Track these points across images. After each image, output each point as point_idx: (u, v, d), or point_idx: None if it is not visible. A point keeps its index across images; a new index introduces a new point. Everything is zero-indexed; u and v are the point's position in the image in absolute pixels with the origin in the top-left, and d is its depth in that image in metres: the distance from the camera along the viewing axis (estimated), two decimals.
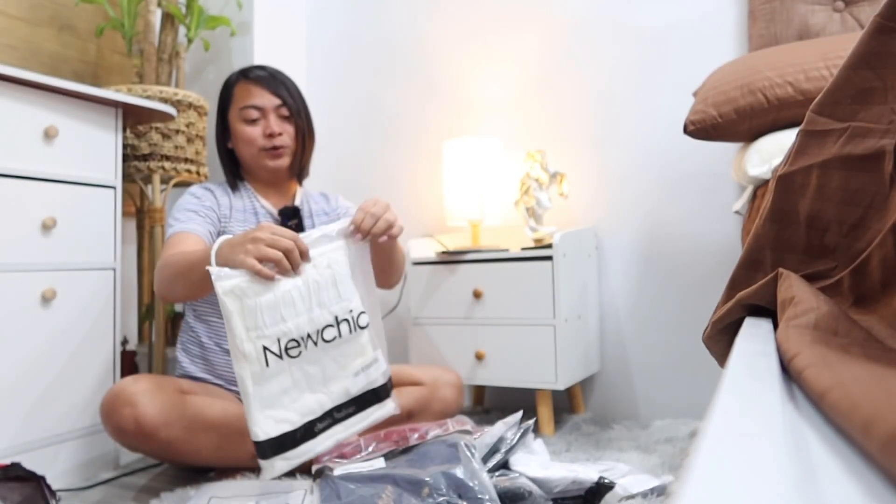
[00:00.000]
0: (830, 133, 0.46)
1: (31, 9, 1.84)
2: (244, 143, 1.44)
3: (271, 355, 1.00)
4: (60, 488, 1.26)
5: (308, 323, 1.03)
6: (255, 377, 0.99)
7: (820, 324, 0.37)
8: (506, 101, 2.03)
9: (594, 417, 1.75)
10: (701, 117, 1.31)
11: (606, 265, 1.86)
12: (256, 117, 1.43)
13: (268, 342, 1.00)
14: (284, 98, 1.45)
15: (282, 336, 1.01)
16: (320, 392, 1.05)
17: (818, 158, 0.46)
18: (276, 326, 1.01)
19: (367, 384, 1.10)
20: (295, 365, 1.02)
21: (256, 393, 0.99)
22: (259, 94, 1.44)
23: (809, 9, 1.55)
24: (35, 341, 1.29)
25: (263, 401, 1.00)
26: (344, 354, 1.08)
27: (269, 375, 1.00)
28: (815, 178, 0.46)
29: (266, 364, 0.99)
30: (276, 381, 1.01)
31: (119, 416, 1.16)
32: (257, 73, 1.46)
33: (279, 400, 1.01)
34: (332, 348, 1.06)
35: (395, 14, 2.22)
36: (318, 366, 1.05)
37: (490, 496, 0.97)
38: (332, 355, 1.07)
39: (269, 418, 1.00)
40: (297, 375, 1.03)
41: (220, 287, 0.99)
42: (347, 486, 1.01)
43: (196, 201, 1.40)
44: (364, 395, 1.10)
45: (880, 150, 0.42)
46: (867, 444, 0.23)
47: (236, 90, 1.46)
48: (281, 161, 1.46)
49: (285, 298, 1.02)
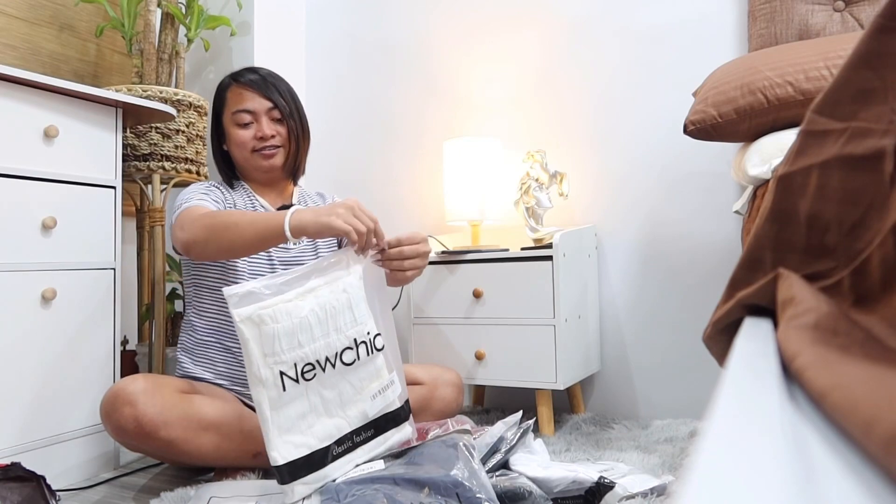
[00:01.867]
0: (830, 133, 0.46)
1: (30, 8, 1.84)
2: (237, 146, 1.46)
3: (288, 380, 1.00)
4: (60, 488, 1.26)
5: (325, 348, 1.04)
6: (272, 402, 0.99)
7: (820, 324, 0.37)
8: (506, 101, 2.03)
9: (594, 417, 1.75)
10: (701, 117, 1.31)
11: (606, 265, 1.86)
12: (249, 121, 1.44)
13: (284, 367, 1.00)
14: (276, 101, 1.46)
15: (298, 361, 1.01)
16: (338, 416, 1.06)
17: (818, 158, 0.46)
18: (293, 352, 1.01)
19: (384, 407, 1.11)
20: (311, 389, 1.03)
21: (274, 418, 1.00)
22: (250, 98, 1.45)
23: (809, 9, 1.55)
24: (35, 341, 1.29)
25: (281, 426, 1.00)
26: (360, 378, 1.08)
27: (286, 400, 1.00)
28: (815, 178, 0.46)
29: (283, 388, 1.00)
30: (293, 405, 1.01)
31: (119, 415, 1.16)
32: (249, 77, 1.46)
33: (297, 424, 1.02)
34: (349, 372, 1.06)
35: (395, 14, 2.22)
36: (334, 390, 1.05)
37: (489, 497, 0.97)
38: (349, 379, 1.07)
39: (288, 443, 1.00)
40: (314, 399, 1.03)
41: (238, 314, 0.99)
42: (347, 487, 1.00)
43: (206, 188, 1.42)
44: (381, 418, 1.11)
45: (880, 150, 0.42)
46: (868, 444, 0.23)
47: (229, 94, 1.47)
48: (273, 161, 1.46)
49: (302, 324, 1.02)
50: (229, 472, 1.26)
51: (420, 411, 1.43)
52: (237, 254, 1.23)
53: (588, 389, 1.88)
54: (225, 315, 1.39)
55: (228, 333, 1.38)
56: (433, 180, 2.11)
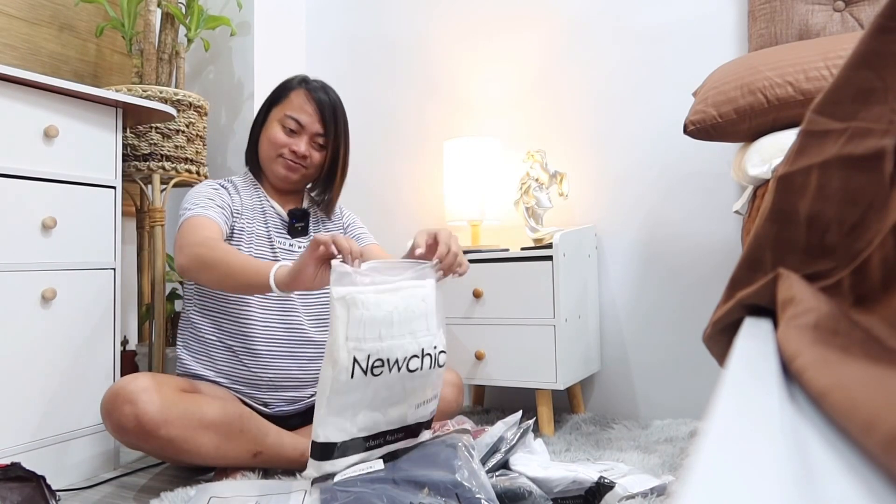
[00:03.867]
0: (830, 133, 0.46)
1: (30, 8, 1.84)
2: (269, 142, 1.46)
3: (358, 368, 1.01)
4: (60, 488, 1.26)
5: (399, 348, 1.05)
6: (335, 384, 1.01)
7: (820, 324, 0.37)
8: (506, 101, 2.03)
9: (594, 417, 1.75)
10: (701, 117, 1.31)
11: (606, 265, 1.86)
12: (294, 129, 1.45)
13: (360, 355, 1.01)
14: (328, 130, 1.47)
15: (373, 353, 1.02)
16: (378, 412, 1.07)
17: (818, 158, 0.46)
18: (373, 343, 1.02)
19: (420, 417, 1.13)
20: (373, 383, 1.04)
21: (332, 399, 1.01)
22: (308, 113, 1.45)
23: (809, 8, 1.55)
24: (35, 341, 1.29)
25: (335, 408, 1.02)
26: (415, 386, 1.10)
27: (350, 387, 1.02)
28: (815, 178, 0.46)
29: (351, 376, 1.01)
30: (353, 393, 1.02)
31: (119, 413, 1.16)
32: (319, 95, 1.47)
33: (346, 411, 1.03)
34: (409, 378, 1.08)
35: (395, 14, 2.22)
36: (391, 390, 1.07)
37: (489, 497, 0.97)
38: (406, 385, 1.08)
39: (333, 425, 1.02)
40: (370, 393, 1.04)
41: (336, 291, 1.01)
42: (346, 487, 1.00)
43: (213, 192, 1.41)
44: (415, 424, 1.13)
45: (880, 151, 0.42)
46: (868, 444, 0.23)
47: (292, 95, 1.47)
48: (292, 175, 1.47)
49: (387, 319, 1.03)
50: (229, 472, 1.26)
51: None
52: (224, 289, 1.27)
53: (588, 389, 1.88)
54: (226, 314, 1.39)
55: (229, 332, 1.38)
56: (433, 180, 2.11)
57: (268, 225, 1.46)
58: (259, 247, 1.43)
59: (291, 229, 1.48)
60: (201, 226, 1.31)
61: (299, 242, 1.49)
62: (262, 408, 1.39)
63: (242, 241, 1.40)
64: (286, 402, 1.41)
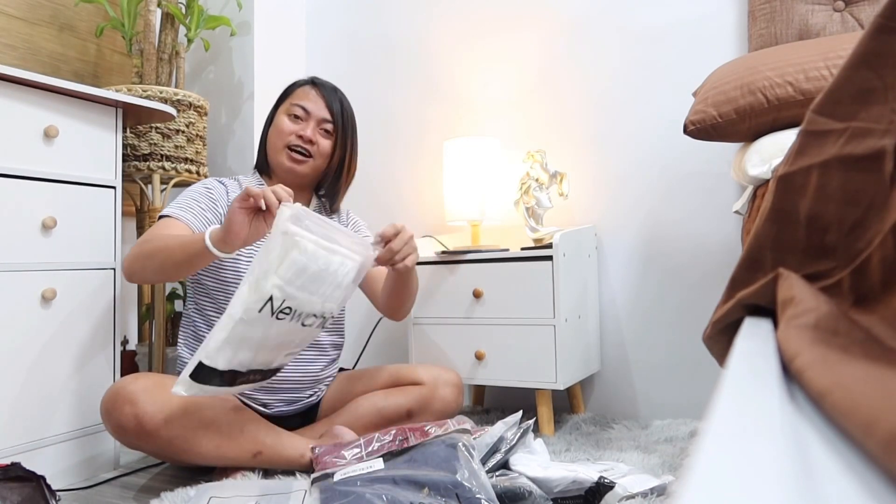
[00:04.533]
0: (830, 133, 0.46)
1: (30, 8, 1.84)
2: (276, 132, 1.45)
3: (269, 307, 1.01)
4: (60, 488, 1.26)
5: (308, 304, 1.06)
6: (248, 312, 1.00)
7: (820, 324, 0.37)
8: (506, 101, 2.03)
9: (594, 417, 1.75)
10: (701, 117, 1.31)
11: (606, 265, 1.86)
12: (300, 115, 1.44)
13: (277, 294, 1.00)
14: (335, 116, 1.46)
15: (288, 299, 1.02)
16: (255, 352, 1.07)
17: (818, 158, 0.46)
18: (294, 290, 1.02)
19: (280, 364, 1.18)
20: (271, 327, 1.04)
21: (236, 327, 1.00)
22: (314, 100, 1.45)
23: (809, 8, 1.55)
24: (35, 341, 1.29)
25: (234, 337, 1.01)
26: (297, 339, 1.12)
27: (255, 320, 1.01)
28: (815, 178, 0.46)
29: (259, 310, 1.00)
30: (252, 327, 1.02)
31: (119, 413, 1.16)
32: (322, 82, 1.49)
33: (240, 344, 1.03)
34: (298, 331, 1.10)
35: (395, 14, 2.22)
36: (279, 339, 1.08)
37: (489, 497, 0.97)
38: (293, 337, 1.11)
39: (224, 352, 1.02)
40: (260, 334, 1.04)
41: (286, 226, 0.99)
42: (346, 487, 1.01)
43: (203, 190, 1.40)
44: (269, 370, 1.16)
45: (880, 151, 0.42)
46: (868, 444, 0.23)
47: (297, 89, 1.48)
48: (298, 167, 1.44)
49: (314, 273, 1.03)
50: (229, 472, 1.26)
51: (420, 411, 1.43)
52: (170, 276, 1.24)
53: (588, 389, 1.88)
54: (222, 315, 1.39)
55: None
56: (433, 180, 2.11)
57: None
58: (256, 245, 1.42)
59: None
60: (165, 226, 1.30)
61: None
62: (262, 408, 1.39)
63: None
64: (285, 402, 1.41)
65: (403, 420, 1.41)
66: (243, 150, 2.12)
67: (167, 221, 1.31)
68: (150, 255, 1.21)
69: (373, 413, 1.41)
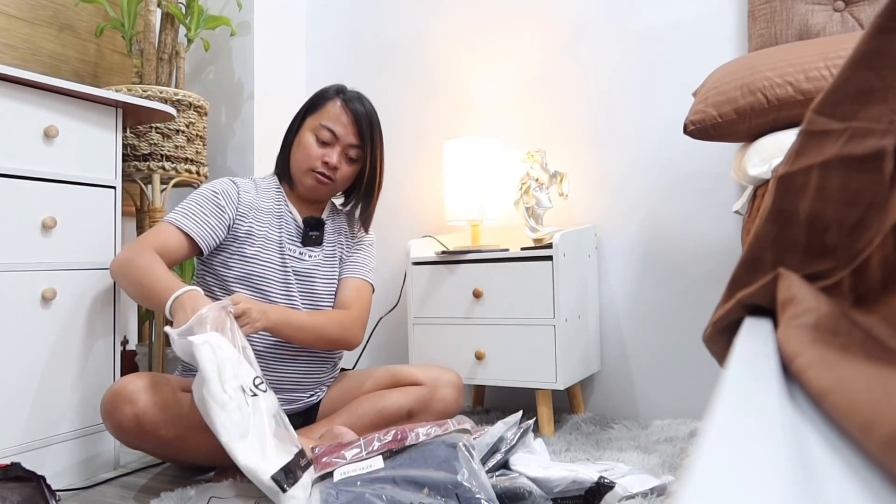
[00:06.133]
0: (830, 133, 0.46)
1: (30, 8, 1.84)
2: (302, 152, 1.44)
3: (249, 394, 1.06)
4: (60, 488, 1.26)
5: (248, 374, 1.10)
6: (241, 426, 1.02)
7: (820, 324, 0.37)
8: (506, 101, 2.03)
9: (594, 417, 1.75)
10: (701, 117, 1.31)
11: (606, 265, 1.86)
12: (328, 140, 1.43)
13: (245, 382, 1.07)
14: (363, 143, 1.45)
15: (245, 377, 1.08)
16: None
17: (818, 159, 0.46)
18: (242, 369, 1.09)
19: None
20: (259, 400, 1.08)
21: (244, 442, 1.02)
22: (344, 125, 1.43)
23: (809, 9, 1.55)
24: (35, 341, 1.29)
25: (255, 443, 1.02)
26: None
27: (247, 415, 1.04)
28: (815, 178, 0.46)
29: (247, 404, 1.05)
30: (252, 419, 1.05)
31: (119, 413, 1.16)
32: (355, 105, 1.45)
33: (260, 436, 1.04)
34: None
35: (396, 14, 2.22)
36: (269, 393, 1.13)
37: (489, 497, 0.97)
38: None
39: (268, 455, 1.02)
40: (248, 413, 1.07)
41: (199, 339, 1.05)
42: (346, 487, 1.00)
43: (210, 195, 1.39)
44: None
45: (880, 151, 0.42)
46: (868, 444, 0.23)
47: (329, 105, 1.45)
48: (320, 189, 1.45)
49: (233, 354, 1.09)
50: (229, 472, 1.25)
51: (420, 412, 1.43)
52: (133, 298, 1.32)
53: (588, 389, 1.88)
54: None
55: None
56: (433, 180, 2.11)
57: (281, 230, 1.43)
58: (268, 250, 1.41)
59: (305, 238, 1.46)
60: (161, 233, 1.32)
61: (310, 251, 1.46)
62: None
63: (247, 244, 1.39)
64: (286, 402, 1.41)
65: (403, 420, 1.41)
66: (243, 150, 2.12)
67: (164, 228, 1.33)
68: (128, 278, 1.27)
69: (373, 413, 1.41)
